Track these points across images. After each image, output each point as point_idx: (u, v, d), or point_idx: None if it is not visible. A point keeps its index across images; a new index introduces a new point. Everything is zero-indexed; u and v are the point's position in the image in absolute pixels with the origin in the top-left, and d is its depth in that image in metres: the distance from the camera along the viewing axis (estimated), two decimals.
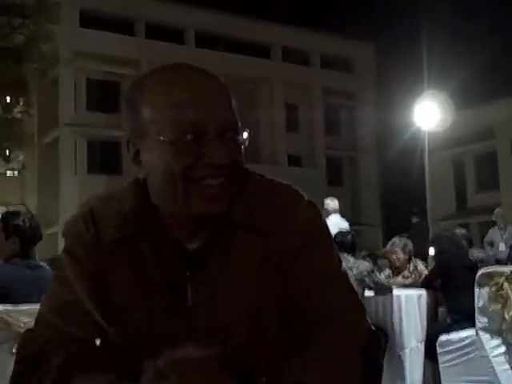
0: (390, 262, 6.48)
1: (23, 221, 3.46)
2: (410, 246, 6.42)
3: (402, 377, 5.09)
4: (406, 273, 6.26)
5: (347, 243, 5.49)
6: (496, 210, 10.28)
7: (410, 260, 6.33)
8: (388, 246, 6.53)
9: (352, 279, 4.27)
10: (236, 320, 1.14)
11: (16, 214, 3.56)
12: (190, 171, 1.09)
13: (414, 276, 6.13)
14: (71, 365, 1.07)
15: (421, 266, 6.27)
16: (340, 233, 5.60)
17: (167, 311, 1.16)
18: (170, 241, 1.18)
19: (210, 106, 1.09)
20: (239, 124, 1.14)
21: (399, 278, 6.18)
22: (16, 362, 1.15)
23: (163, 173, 1.10)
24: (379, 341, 1.23)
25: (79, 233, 1.21)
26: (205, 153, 1.08)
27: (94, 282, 1.19)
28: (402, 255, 6.29)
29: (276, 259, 1.17)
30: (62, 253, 1.25)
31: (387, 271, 6.52)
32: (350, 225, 8.11)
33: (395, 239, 6.48)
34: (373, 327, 1.21)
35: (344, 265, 1.27)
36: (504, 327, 4.49)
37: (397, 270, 6.36)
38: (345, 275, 1.22)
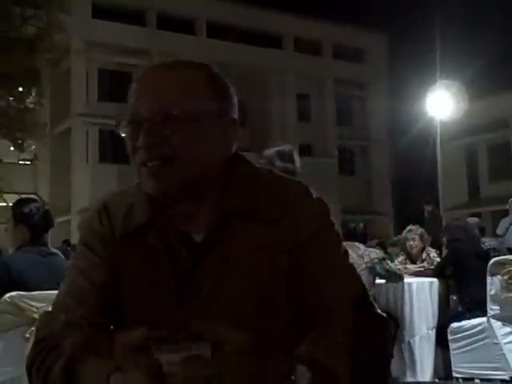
0: (405, 248, 6.47)
1: (30, 209, 3.46)
2: (427, 235, 6.41)
3: (412, 364, 5.10)
4: (418, 261, 6.25)
5: (359, 232, 5.51)
6: (511, 199, 10.15)
7: (424, 249, 6.31)
8: (404, 233, 6.49)
9: (363, 267, 4.28)
10: (244, 308, 1.16)
11: (24, 202, 3.56)
12: (136, 155, 1.18)
13: (426, 264, 6.12)
14: (83, 347, 1.09)
15: (433, 253, 6.25)
16: (352, 221, 5.62)
17: (175, 301, 1.18)
18: (176, 231, 1.21)
19: (145, 96, 1.18)
20: (196, 109, 1.16)
21: (412, 266, 6.17)
22: (33, 344, 1.18)
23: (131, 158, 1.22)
24: (388, 327, 1.25)
25: (94, 227, 1.27)
26: (139, 137, 1.16)
27: (109, 272, 1.23)
28: (418, 243, 6.27)
29: (287, 247, 1.19)
30: (78, 244, 1.30)
31: (401, 257, 6.51)
32: (362, 214, 8.08)
33: (412, 227, 6.44)
34: (383, 314, 1.23)
35: (353, 254, 1.30)
36: None
37: (410, 257, 6.35)
38: (352, 266, 1.26)
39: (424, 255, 6.25)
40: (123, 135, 1.21)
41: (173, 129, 1.15)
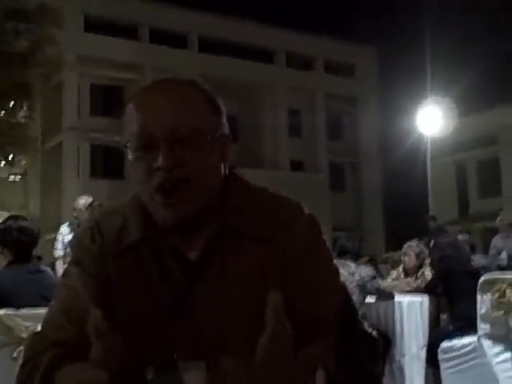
0: (402, 263, 6.47)
1: (4, 227, 3.47)
2: (425, 253, 6.41)
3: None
4: (413, 278, 6.24)
5: (350, 249, 5.51)
6: (499, 217, 10.16)
7: (420, 267, 6.31)
8: (404, 248, 6.49)
9: (354, 284, 4.27)
10: (235, 328, 1.15)
11: (4, 221, 3.57)
12: (151, 177, 1.15)
13: (420, 281, 6.12)
14: (63, 358, 1.08)
15: (427, 271, 6.24)
16: (344, 238, 5.61)
17: (169, 319, 1.17)
18: (170, 250, 1.21)
19: (156, 117, 1.16)
20: (203, 127, 1.17)
21: (404, 282, 6.17)
22: (20, 366, 1.17)
23: (139, 186, 1.19)
24: (376, 344, 1.24)
25: (86, 245, 1.26)
26: (155, 159, 1.14)
27: (101, 291, 1.21)
28: (414, 260, 6.27)
29: (280, 264, 1.19)
30: (70, 263, 1.29)
31: (395, 273, 6.51)
32: (353, 230, 8.07)
33: (413, 242, 6.46)
34: (373, 332, 1.22)
35: (344, 272, 1.29)
36: (509, 334, 4.48)
37: (405, 272, 6.36)
38: (342, 283, 1.26)
39: (419, 273, 6.25)
40: (130, 157, 1.19)
41: (188, 149, 1.15)
